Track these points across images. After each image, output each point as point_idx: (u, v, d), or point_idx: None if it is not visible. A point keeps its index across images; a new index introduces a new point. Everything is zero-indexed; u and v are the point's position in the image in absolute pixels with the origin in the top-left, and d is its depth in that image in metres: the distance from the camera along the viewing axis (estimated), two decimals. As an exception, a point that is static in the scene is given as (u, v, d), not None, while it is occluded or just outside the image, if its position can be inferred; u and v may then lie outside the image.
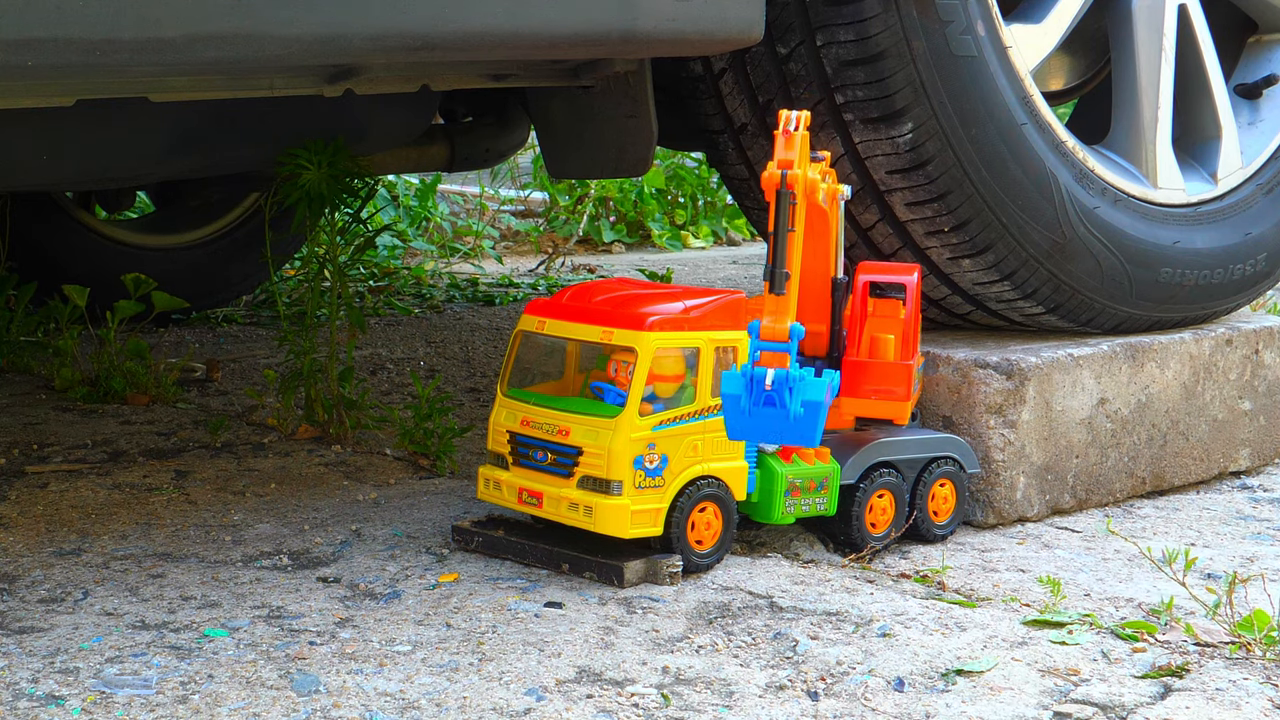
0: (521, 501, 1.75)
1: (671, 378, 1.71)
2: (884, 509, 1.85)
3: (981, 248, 1.99)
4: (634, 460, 1.68)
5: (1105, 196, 2.08)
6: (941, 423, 1.99)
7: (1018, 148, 1.98)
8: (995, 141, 1.96)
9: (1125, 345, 2.09)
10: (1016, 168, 1.98)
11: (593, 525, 1.69)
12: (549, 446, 1.73)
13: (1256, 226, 2.28)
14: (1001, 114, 1.96)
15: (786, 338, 1.58)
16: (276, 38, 1.45)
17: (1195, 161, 2.28)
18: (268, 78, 1.79)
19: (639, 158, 2.10)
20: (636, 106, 2.06)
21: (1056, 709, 1.41)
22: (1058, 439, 2.01)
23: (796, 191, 1.61)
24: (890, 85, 1.90)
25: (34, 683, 1.42)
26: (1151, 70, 2.18)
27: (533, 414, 1.76)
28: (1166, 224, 2.15)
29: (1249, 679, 1.48)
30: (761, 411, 1.57)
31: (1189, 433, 2.17)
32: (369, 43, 1.51)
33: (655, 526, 1.70)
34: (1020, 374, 1.96)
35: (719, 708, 1.40)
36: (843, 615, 1.63)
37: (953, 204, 1.96)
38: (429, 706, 1.38)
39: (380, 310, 3.60)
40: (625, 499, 1.67)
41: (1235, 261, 2.24)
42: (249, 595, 1.66)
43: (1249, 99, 2.38)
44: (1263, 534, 1.99)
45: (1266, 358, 2.26)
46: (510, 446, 1.78)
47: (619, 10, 1.63)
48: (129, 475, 2.13)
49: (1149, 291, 2.12)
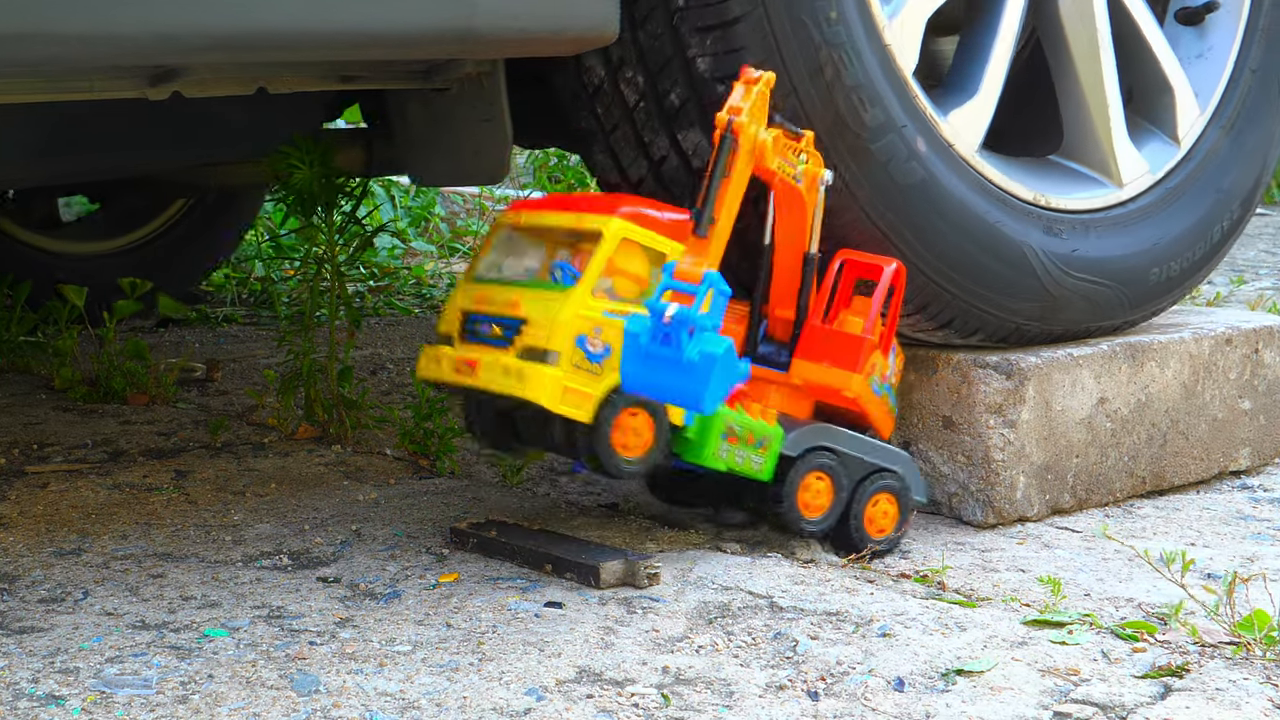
0: (457, 371, 1.71)
1: (634, 276, 1.67)
2: (820, 492, 1.81)
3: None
4: (577, 338, 1.63)
5: (1075, 231, 2.05)
6: (941, 422, 1.99)
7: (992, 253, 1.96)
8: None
9: (1125, 345, 2.09)
10: (994, 261, 1.96)
11: (522, 390, 1.63)
12: (496, 320, 1.70)
13: (1227, 177, 2.23)
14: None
15: (698, 280, 1.56)
16: (51, 35, 1.37)
17: (1152, 124, 2.22)
18: (86, 79, 1.71)
19: (495, 162, 2.00)
20: (491, 110, 1.96)
21: (1056, 709, 1.41)
22: (1057, 439, 2.01)
23: (741, 141, 1.60)
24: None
25: (34, 683, 1.42)
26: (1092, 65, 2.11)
27: (488, 292, 1.73)
28: (1129, 226, 2.13)
29: (1249, 679, 1.48)
30: (657, 354, 1.53)
31: (1189, 432, 2.17)
32: (159, 41, 1.43)
33: (583, 412, 1.64)
34: (1020, 373, 1.96)
35: (719, 708, 1.40)
36: (843, 615, 1.63)
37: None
38: (429, 706, 1.38)
39: (380, 310, 3.60)
40: (559, 371, 1.62)
41: (1215, 224, 2.20)
42: (249, 595, 1.66)
43: (1191, 25, 2.28)
44: (1263, 534, 1.99)
45: (1266, 357, 2.26)
46: (460, 324, 1.75)
47: (453, 8, 1.55)
48: (129, 475, 2.13)
49: (1143, 301, 2.13)
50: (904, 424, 2.02)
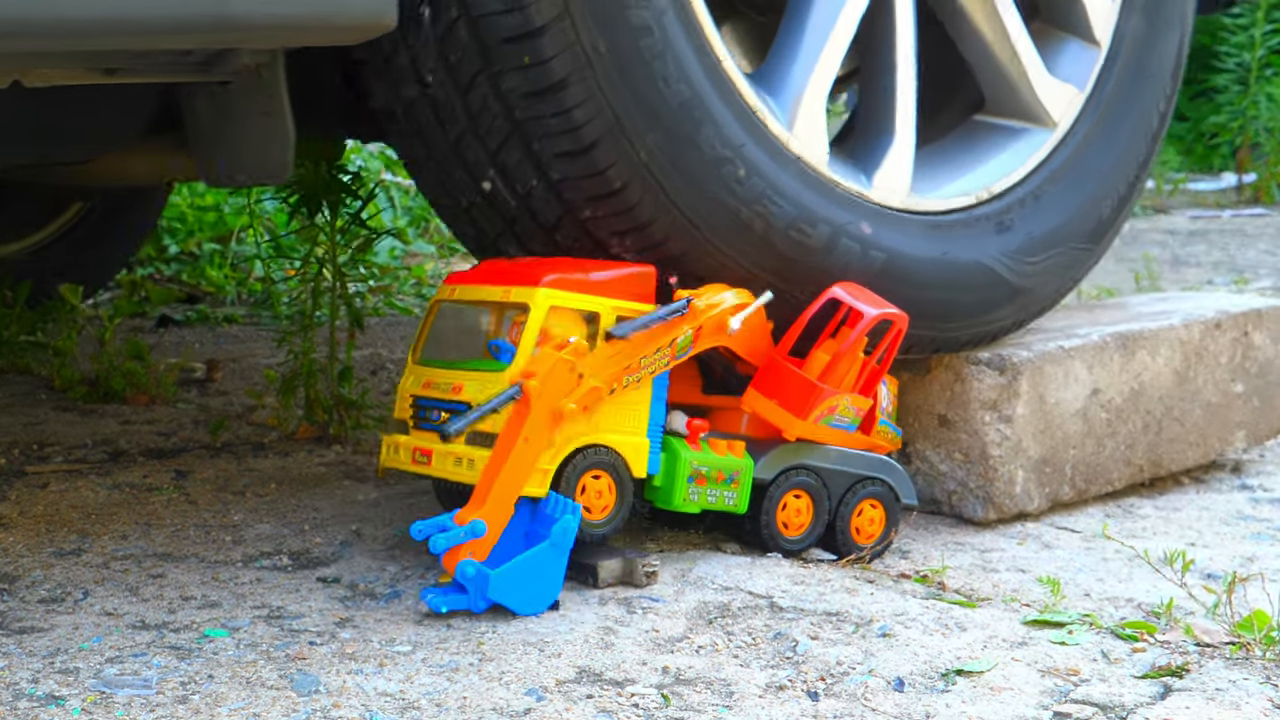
0: (414, 462, 1.71)
1: (568, 338, 1.66)
2: (800, 510, 1.81)
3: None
4: None
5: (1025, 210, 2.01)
6: (938, 421, 1.99)
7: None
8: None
9: (1116, 335, 2.09)
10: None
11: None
12: (443, 405, 1.69)
13: (1153, 57, 2.15)
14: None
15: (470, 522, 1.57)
16: None
17: (1066, 30, 2.12)
18: None
19: (278, 160, 1.88)
20: (271, 104, 1.84)
21: (1056, 709, 1.41)
22: (1054, 431, 2.01)
23: (530, 400, 1.58)
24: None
25: (34, 683, 1.42)
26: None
27: (433, 375, 1.72)
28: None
29: (1249, 679, 1.48)
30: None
31: (1184, 418, 2.17)
32: None
33: (540, 487, 1.62)
34: (1013, 368, 1.96)
35: (719, 708, 1.40)
36: (843, 615, 1.63)
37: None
38: (429, 706, 1.38)
39: (380, 310, 3.60)
40: None
41: (1152, 112, 2.14)
42: (249, 595, 1.66)
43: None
44: (1263, 534, 1.99)
45: (1256, 339, 2.26)
46: (412, 410, 1.74)
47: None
48: (129, 475, 2.13)
49: (1101, 237, 2.11)
50: (901, 424, 2.02)
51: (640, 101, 1.71)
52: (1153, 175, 6.04)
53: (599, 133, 1.70)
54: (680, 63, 1.73)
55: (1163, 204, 5.82)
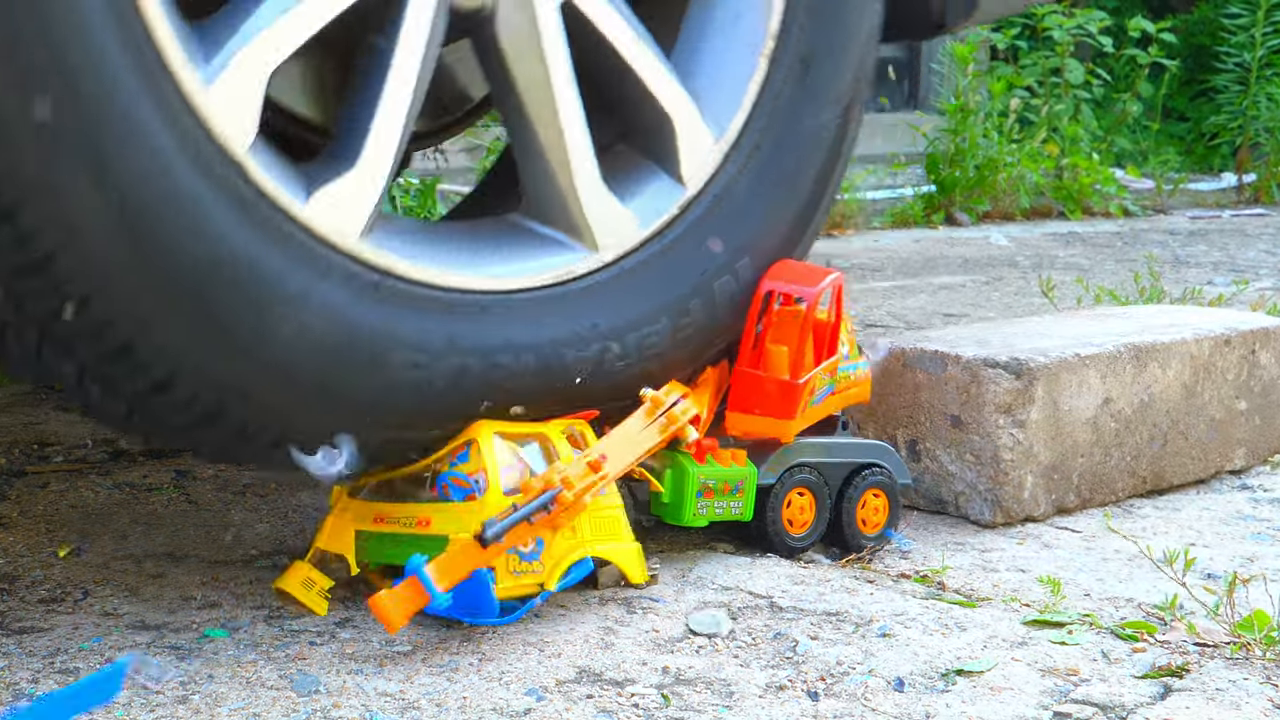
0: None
1: (516, 458, 1.59)
2: (803, 508, 1.81)
3: None
4: (506, 550, 1.53)
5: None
6: (950, 421, 1.99)
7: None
8: None
9: (1130, 345, 2.09)
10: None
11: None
12: (404, 539, 1.59)
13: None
14: None
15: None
16: None
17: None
18: None
19: None
20: None
21: (1056, 709, 1.41)
22: (1064, 438, 2.01)
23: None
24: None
25: (34, 683, 1.42)
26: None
27: (386, 510, 1.62)
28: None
29: (1249, 679, 1.48)
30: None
31: (1188, 432, 2.17)
32: None
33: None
34: (1029, 373, 1.96)
35: (719, 708, 1.40)
36: (843, 615, 1.63)
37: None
38: (429, 706, 1.38)
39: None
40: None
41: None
42: (249, 595, 1.66)
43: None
44: (1263, 534, 1.99)
45: (1262, 358, 2.26)
46: (356, 544, 1.63)
47: None
48: (129, 475, 2.13)
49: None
50: (912, 423, 2.02)
51: None
52: (1153, 175, 6.04)
53: None
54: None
55: (1163, 204, 5.81)
